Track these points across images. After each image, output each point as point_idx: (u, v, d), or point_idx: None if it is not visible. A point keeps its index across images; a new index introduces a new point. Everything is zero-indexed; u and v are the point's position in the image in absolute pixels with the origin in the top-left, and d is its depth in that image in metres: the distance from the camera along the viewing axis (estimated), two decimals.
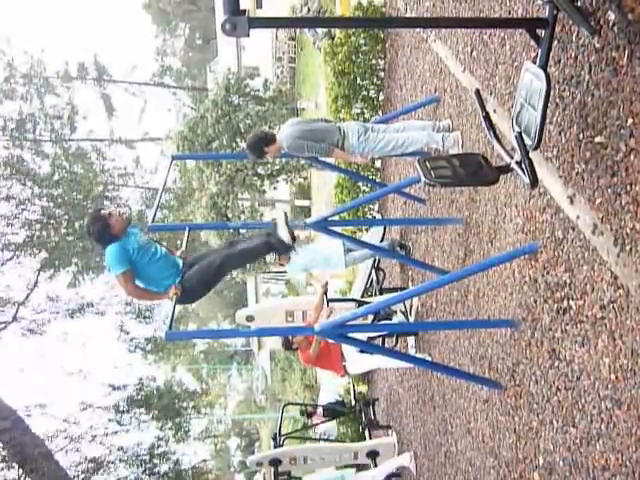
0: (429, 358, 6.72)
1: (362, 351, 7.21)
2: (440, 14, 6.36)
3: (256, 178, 16.81)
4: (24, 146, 23.70)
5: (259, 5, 32.07)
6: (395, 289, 8.21)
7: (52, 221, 22.09)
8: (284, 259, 7.64)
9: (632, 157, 3.10)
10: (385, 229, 8.38)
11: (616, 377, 3.23)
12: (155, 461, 21.49)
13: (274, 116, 16.23)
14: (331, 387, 13.42)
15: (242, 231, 16.20)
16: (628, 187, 3.14)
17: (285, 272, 8.29)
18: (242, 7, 3.13)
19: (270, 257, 8.15)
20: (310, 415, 11.78)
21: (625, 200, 3.16)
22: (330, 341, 7.18)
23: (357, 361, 8.02)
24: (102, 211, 5.45)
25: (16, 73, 27.43)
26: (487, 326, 5.04)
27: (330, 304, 7.30)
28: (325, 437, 12.60)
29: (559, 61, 3.79)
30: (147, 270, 5.35)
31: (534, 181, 3.53)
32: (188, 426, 24.15)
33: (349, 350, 7.71)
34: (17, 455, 15.87)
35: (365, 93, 9.21)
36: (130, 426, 21.95)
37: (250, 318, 8.56)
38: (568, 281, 3.73)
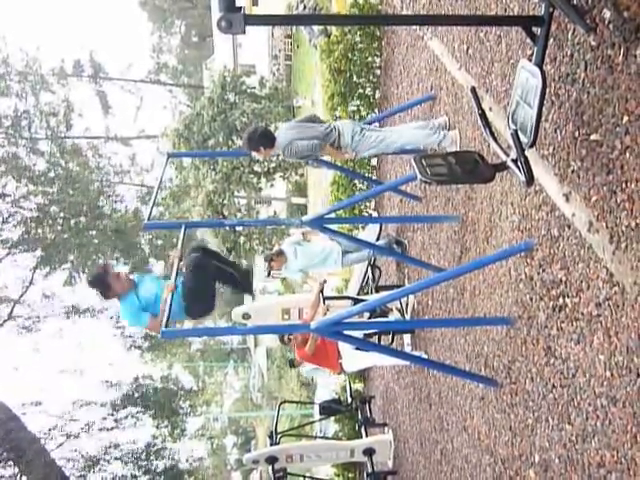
0: (425, 356, 6.72)
1: (358, 349, 7.22)
2: (436, 11, 6.36)
3: (252, 176, 16.82)
4: (19, 143, 23.63)
5: (255, 2, 31.99)
6: (391, 287, 8.21)
7: (48, 219, 22.05)
8: (279, 262, 7.61)
9: (627, 155, 3.11)
10: (381, 227, 8.38)
11: (611, 374, 3.24)
12: (151, 459, 21.50)
13: (270, 114, 16.23)
14: (327, 384, 13.43)
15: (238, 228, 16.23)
16: (623, 185, 3.14)
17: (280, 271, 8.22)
18: (238, 4, 3.12)
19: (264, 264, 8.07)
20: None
21: (620, 198, 3.17)
22: (326, 338, 7.18)
23: (353, 359, 8.02)
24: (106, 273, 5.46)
25: (11, 70, 27.32)
26: (483, 324, 5.04)
27: (326, 302, 7.31)
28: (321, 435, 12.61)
29: (555, 59, 3.80)
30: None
31: (530, 179, 3.53)
32: (184, 424, 24.15)
33: (345, 348, 7.72)
34: (13, 453, 15.87)
35: (361, 91, 9.20)
36: (126, 424, 21.95)
37: (246, 316, 8.57)
38: (564, 279, 3.74)
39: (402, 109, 7.45)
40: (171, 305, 4.79)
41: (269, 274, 7.92)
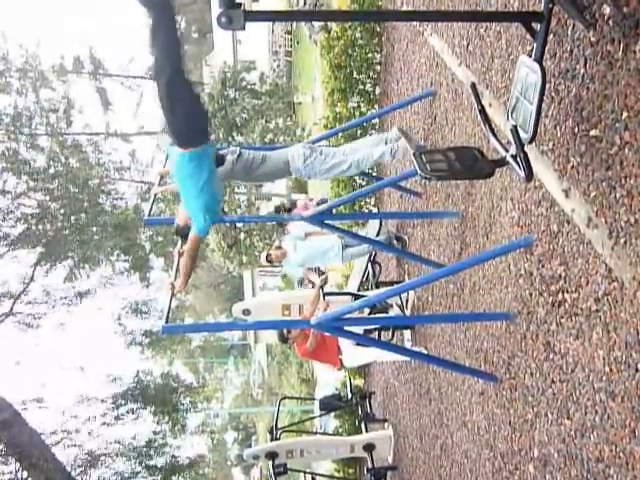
0: (425, 351, 6.74)
1: (358, 344, 7.23)
2: (436, 7, 6.35)
3: None
4: (20, 140, 23.60)
5: None
6: (391, 282, 8.23)
7: (48, 215, 22.05)
8: (278, 255, 7.61)
9: (626, 150, 3.12)
10: (381, 223, 8.39)
11: (610, 369, 3.25)
12: (152, 455, 21.53)
13: (270, 110, 16.21)
14: (329, 381, 13.43)
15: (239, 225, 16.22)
16: (622, 180, 3.15)
17: (281, 266, 8.21)
18: (238, 0, 3.13)
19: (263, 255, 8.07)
20: (289, 210, 10.25)
21: (620, 193, 3.17)
22: (326, 334, 7.20)
23: (354, 354, 8.05)
24: None
25: (11, 67, 27.28)
26: (483, 319, 5.06)
27: (326, 297, 7.32)
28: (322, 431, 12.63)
29: (555, 55, 3.80)
30: None
31: (529, 175, 3.54)
32: (185, 420, 24.17)
33: (346, 343, 7.74)
34: (14, 449, 15.89)
35: (361, 87, 9.19)
36: (127, 420, 21.97)
37: (247, 312, 8.59)
38: (563, 274, 3.75)
39: (402, 105, 7.46)
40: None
41: (267, 258, 7.89)
